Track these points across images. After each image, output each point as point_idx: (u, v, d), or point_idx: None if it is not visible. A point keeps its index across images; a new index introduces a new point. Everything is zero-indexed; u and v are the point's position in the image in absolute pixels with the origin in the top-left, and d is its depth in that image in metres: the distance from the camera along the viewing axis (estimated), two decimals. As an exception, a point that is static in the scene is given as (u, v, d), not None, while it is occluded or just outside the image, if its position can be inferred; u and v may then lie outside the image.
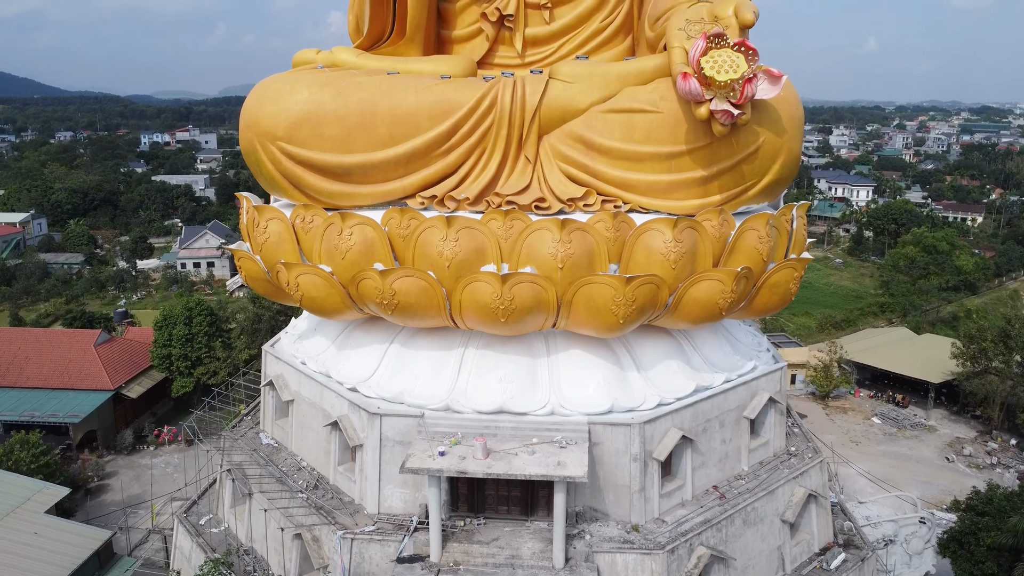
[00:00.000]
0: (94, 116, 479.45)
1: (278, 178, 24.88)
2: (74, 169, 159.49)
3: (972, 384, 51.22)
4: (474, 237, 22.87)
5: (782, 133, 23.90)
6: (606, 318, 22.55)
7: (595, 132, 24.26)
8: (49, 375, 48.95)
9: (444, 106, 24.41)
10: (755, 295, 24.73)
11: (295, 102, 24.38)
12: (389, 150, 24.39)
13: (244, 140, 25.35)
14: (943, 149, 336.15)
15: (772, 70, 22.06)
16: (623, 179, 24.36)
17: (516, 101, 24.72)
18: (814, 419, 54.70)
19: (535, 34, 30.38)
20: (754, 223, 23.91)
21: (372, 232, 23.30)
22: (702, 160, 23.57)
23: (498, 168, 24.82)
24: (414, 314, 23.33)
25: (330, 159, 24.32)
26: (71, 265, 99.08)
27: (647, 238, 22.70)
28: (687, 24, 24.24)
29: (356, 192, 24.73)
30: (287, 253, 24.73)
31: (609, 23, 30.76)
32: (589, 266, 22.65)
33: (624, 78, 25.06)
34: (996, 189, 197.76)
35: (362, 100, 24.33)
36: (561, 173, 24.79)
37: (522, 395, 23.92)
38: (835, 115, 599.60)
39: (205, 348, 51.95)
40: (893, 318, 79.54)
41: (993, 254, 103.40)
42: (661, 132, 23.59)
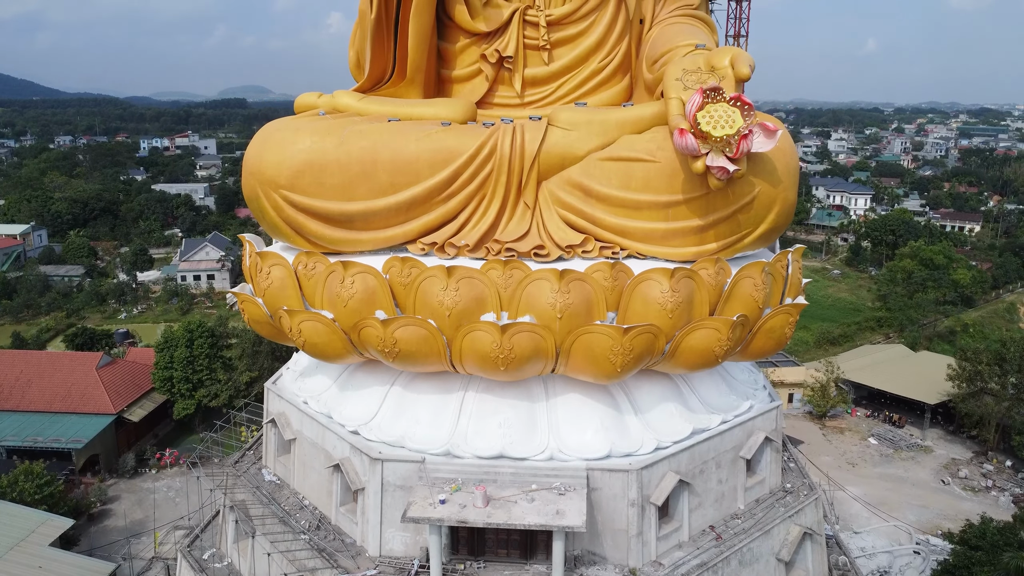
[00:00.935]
0: (93, 120, 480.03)
1: (281, 225, 25.22)
2: (74, 178, 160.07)
3: (967, 406, 51.67)
4: (474, 286, 23.26)
5: (777, 183, 24.25)
6: (604, 366, 22.94)
7: (593, 179, 24.60)
8: (52, 399, 49.34)
9: (444, 154, 24.76)
10: (751, 340, 25.09)
11: (298, 151, 24.72)
12: (390, 197, 24.75)
13: (247, 187, 25.68)
14: (941, 154, 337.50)
15: (767, 124, 22.43)
16: (621, 226, 24.69)
17: (515, 148, 25.04)
18: (811, 440, 55.10)
19: (534, 74, 30.75)
20: (750, 271, 24.28)
21: (374, 280, 23.67)
22: (699, 209, 23.91)
23: (497, 214, 25.16)
24: (415, 361, 23.73)
25: (332, 207, 24.67)
26: (71, 278, 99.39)
27: (644, 287, 23.06)
28: (684, 74, 24.56)
29: (358, 238, 25.09)
30: (289, 299, 25.09)
31: (607, 63, 31.14)
32: (587, 315, 23.03)
33: (622, 125, 25.42)
34: (994, 196, 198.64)
35: (363, 148, 24.67)
36: (560, 219, 25.13)
37: (521, 440, 24.30)
38: (834, 118, 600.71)
39: (206, 370, 52.36)
40: (890, 333, 79.96)
41: (990, 266, 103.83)
42: (658, 181, 23.93)
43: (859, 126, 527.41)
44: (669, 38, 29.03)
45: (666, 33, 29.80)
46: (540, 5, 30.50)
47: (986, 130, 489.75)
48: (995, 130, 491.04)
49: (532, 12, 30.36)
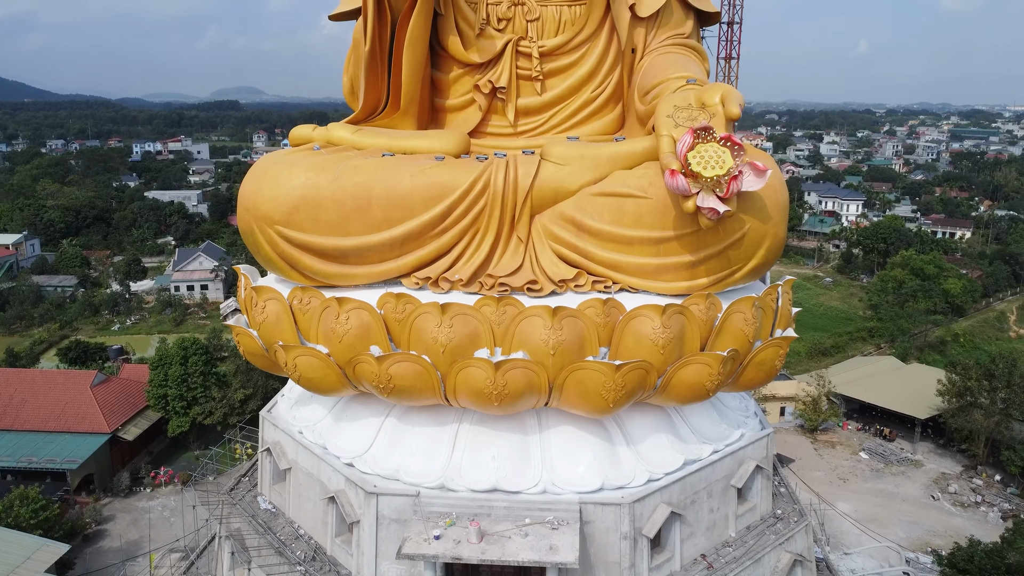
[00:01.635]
0: (85, 123, 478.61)
1: (276, 259, 25.44)
2: (67, 185, 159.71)
3: (957, 421, 52.18)
4: (468, 323, 23.53)
5: (767, 220, 24.55)
6: (596, 402, 23.23)
7: (586, 214, 24.86)
8: (46, 418, 49.41)
9: (438, 189, 24.99)
10: (742, 373, 25.40)
11: (292, 187, 24.91)
12: (385, 233, 24.98)
13: (242, 222, 25.89)
14: (933, 157, 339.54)
15: (757, 164, 22.71)
16: (613, 260, 24.97)
17: (509, 183, 25.28)
18: (803, 454, 55.52)
19: (527, 104, 30.99)
20: (740, 306, 24.59)
21: (368, 316, 23.90)
22: (690, 246, 24.20)
23: (491, 248, 25.43)
24: (410, 396, 23.99)
25: (327, 242, 24.90)
26: (64, 288, 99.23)
27: (636, 324, 23.36)
28: (675, 111, 24.80)
29: (352, 273, 25.33)
30: (285, 333, 25.31)
31: (600, 93, 31.40)
32: (580, 351, 23.30)
33: (614, 160, 25.68)
34: (984, 201, 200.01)
35: (358, 184, 24.88)
36: (552, 253, 25.41)
37: (515, 473, 24.55)
38: (826, 120, 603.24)
39: (201, 388, 52.50)
40: (881, 344, 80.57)
41: (980, 274, 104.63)
42: (650, 218, 24.20)
43: (851, 128, 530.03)
44: (660, 69, 29.29)
45: (657, 64, 30.06)
46: (533, 36, 30.71)
47: (977, 132, 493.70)
48: (986, 132, 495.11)
49: (525, 43, 30.57)
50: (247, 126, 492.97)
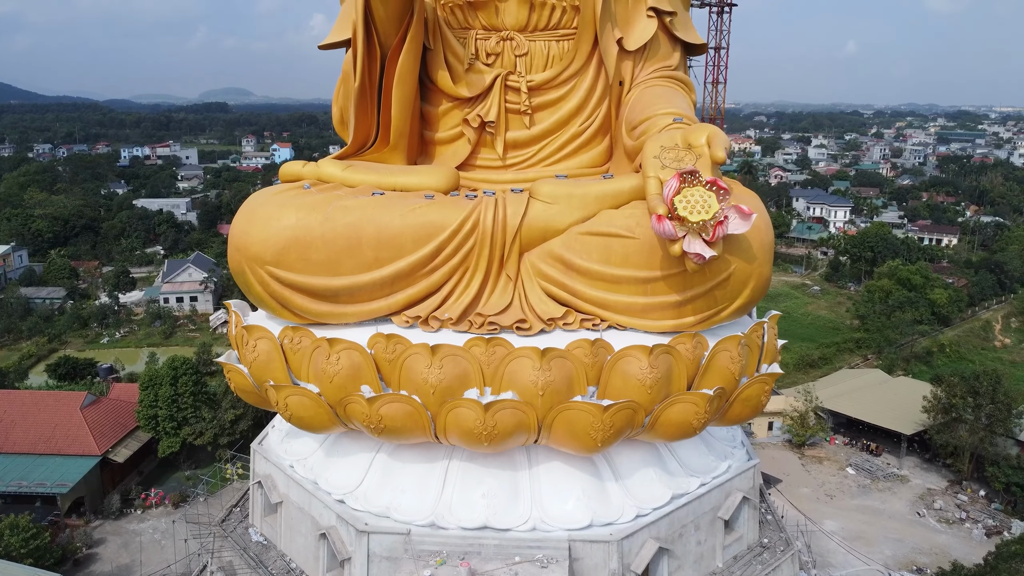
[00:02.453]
0: (73, 126, 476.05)
1: (267, 299, 25.62)
2: (55, 194, 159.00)
3: (942, 437, 52.82)
4: (458, 363, 23.77)
5: (752, 260, 24.89)
6: (585, 441, 23.53)
7: (574, 253, 25.14)
8: (36, 440, 49.31)
9: (428, 228, 25.21)
10: (728, 409, 25.74)
11: (283, 227, 25.10)
12: (375, 272, 25.20)
13: (233, 262, 26.06)
14: (920, 161, 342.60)
15: (743, 208, 22.99)
16: (601, 299, 25.26)
17: (498, 222, 25.53)
18: (790, 470, 55.98)
19: (516, 138, 31.22)
20: (726, 344, 24.93)
21: (359, 357, 24.12)
22: (676, 286, 24.51)
23: (480, 286, 25.68)
24: (400, 436, 24.22)
25: (318, 282, 25.10)
26: (53, 300, 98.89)
27: (624, 364, 23.66)
28: (662, 151, 25.07)
29: (343, 311, 25.53)
30: (275, 371, 25.48)
31: (588, 127, 31.64)
32: (568, 391, 23.59)
33: (602, 199, 25.96)
34: (971, 207, 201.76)
35: (348, 225, 25.08)
36: (541, 291, 25.67)
37: (505, 511, 24.80)
38: (814, 122, 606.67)
39: (191, 408, 52.54)
40: (868, 355, 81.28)
41: (966, 283, 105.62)
42: (637, 258, 24.50)
43: (839, 131, 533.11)
44: (647, 104, 29.58)
45: (644, 98, 30.37)
46: (521, 71, 30.94)
47: (963, 135, 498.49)
48: (972, 135, 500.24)
49: (513, 78, 30.80)
50: (236, 129, 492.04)
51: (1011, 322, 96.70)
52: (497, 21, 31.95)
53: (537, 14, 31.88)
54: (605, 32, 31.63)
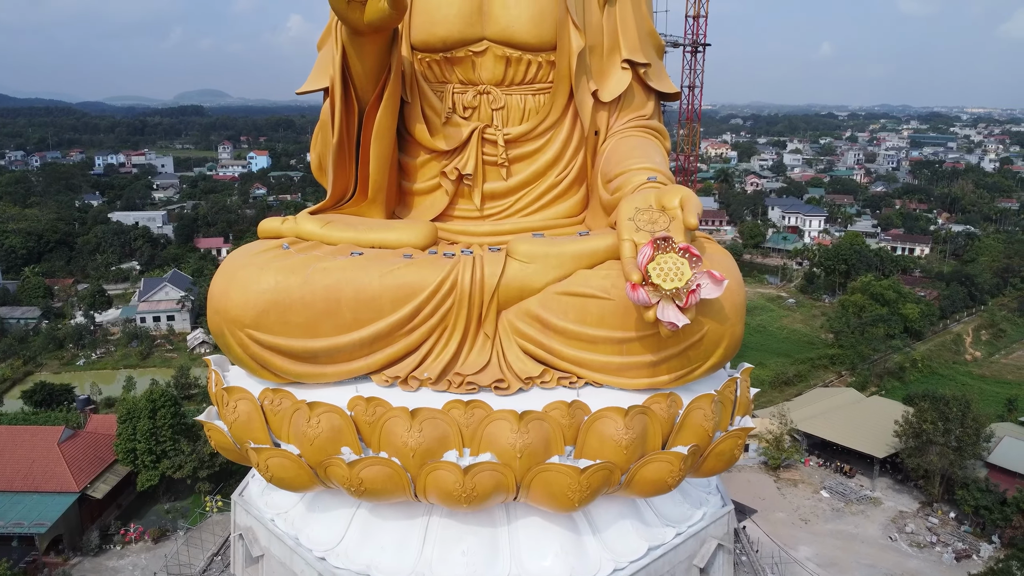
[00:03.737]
0: (46, 131, 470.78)
1: (247, 360, 25.89)
2: (28, 207, 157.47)
3: (913, 461, 53.98)
4: (437, 426, 24.13)
5: (725, 321, 25.46)
6: (562, 501, 23.97)
7: (551, 313, 25.61)
8: (12, 477, 49.01)
9: (407, 290, 25.57)
10: (702, 463, 26.33)
11: (262, 291, 25.33)
12: (354, 334, 25.50)
13: (213, 324, 26.28)
14: (893, 166, 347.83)
15: (714, 273, 23.54)
16: (578, 358, 25.77)
17: (475, 282, 25.94)
18: (766, 494, 56.83)
19: (493, 189, 31.66)
20: (700, 403, 25.51)
21: (339, 420, 24.42)
22: (651, 346, 25.04)
23: (459, 345, 26.07)
24: (381, 497, 24.54)
25: (297, 344, 25.38)
26: (28, 320, 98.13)
27: (600, 425, 24.16)
28: (636, 213, 25.59)
29: (322, 372, 25.84)
30: (255, 432, 25.73)
31: (564, 177, 32.13)
32: (546, 451, 24.02)
33: (578, 259, 26.43)
34: (942, 214, 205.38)
35: (327, 287, 25.37)
36: (519, 349, 26.12)
37: (484, 568, 25.19)
38: (789, 125, 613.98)
39: (170, 441, 52.45)
40: (842, 371, 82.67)
41: (937, 295, 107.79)
42: (612, 319, 25.01)
43: (814, 135, 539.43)
44: (622, 157, 30.14)
45: (619, 150, 30.93)
46: (498, 124, 31.40)
47: (936, 139, 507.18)
48: (944, 138, 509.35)
49: (491, 131, 31.23)
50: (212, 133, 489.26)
51: (981, 334, 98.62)
52: (474, 76, 32.39)
53: (513, 69, 32.37)
54: (580, 85, 32.14)
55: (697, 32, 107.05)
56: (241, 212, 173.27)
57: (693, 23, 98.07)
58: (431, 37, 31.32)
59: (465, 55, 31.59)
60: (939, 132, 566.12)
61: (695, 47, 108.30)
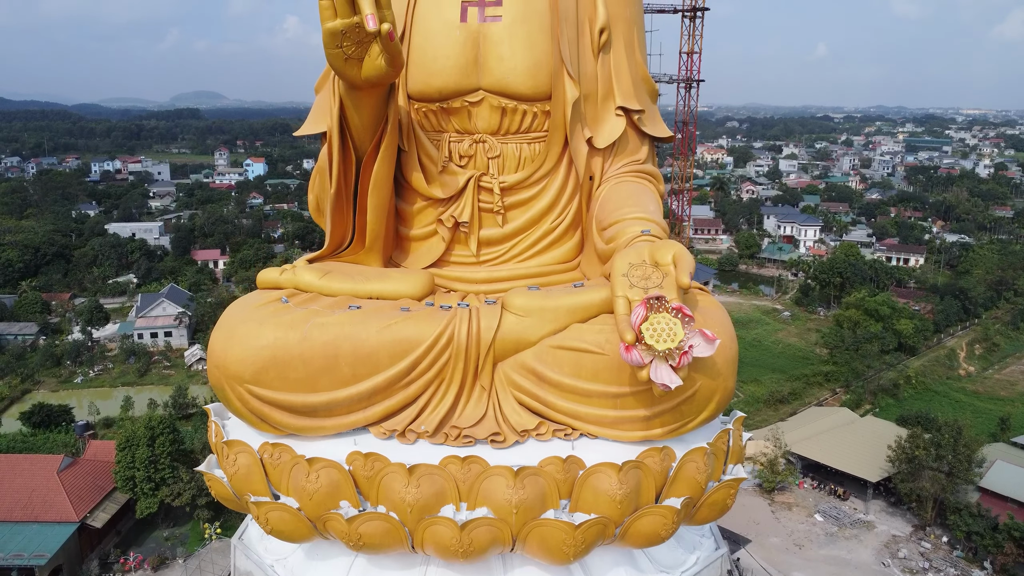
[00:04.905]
0: (41, 136, 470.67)
1: (247, 414, 26.28)
2: (24, 218, 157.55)
3: (906, 486, 54.53)
4: (434, 482, 24.53)
5: (717, 376, 25.86)
6: (558, 555, 24.39)
7: (546, 366, 26.01)
8: (12, 507, 49.26)
9: (404, 344, 25.95)
10: (695, 513, 26.75)
11: (262, 347, 25.70)
12: (352, 388, 25.90)
13: (213, 379, 26.65)
14: (888, 172, 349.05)
15: (707, 333, 23.94)
16: (573, 411, 26.17)
17: (472, 336, 26.33)
18: (760, 518, 57.28)
19: (489, 236, 32.04)
20: (693, 456, 25.90)
21: (338, 474, 24.80)
22: (645, 401, 25.45)
23: (455, 398, 26.46)
24: (379, 550, 24.93)
25: (296, 399, 25.76)
26: (25, 337, 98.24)
27: (594, 480, 24.57)
28: (630, 269, 25.93)
29: (321, 425, 26.23)
30: (255, 484, 26.10)
31: (559, 223, 32.52)
32: (541, 506, 24.43)
33: (573, 312, 26.81)
34: (937, 221, 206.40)
35: (326, 343, 25.74)
36: (515, 401, 26.52)
37: (481, 618, 25.66)
38: (785, 128, 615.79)
39: (169, 469, 52.75)
40: (837, 388, 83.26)
41: (931, 308, 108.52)
42: (607, 374, 25.42)
43: (809, 138, 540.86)
44: (617, 205, 30.52)
45: (613, 197, 31.30)
46: (494, 172, 31.79)
47: (931, 142, 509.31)
48: (939, 142, 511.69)
49: (486, 179, 31.63)
50: (208, 137, 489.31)
51: (975, 349, 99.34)
52: (470, 125, 32.80)
53: (509, 119, 32.79)
54: (575, 133, 32.57)
55: (691, 68, 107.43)
56: (238, 223, 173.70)
57: (687, 59, 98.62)
58: (428, 88, 31.74)
59: (461, 105, 32.02)
60: (934, 135, 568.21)
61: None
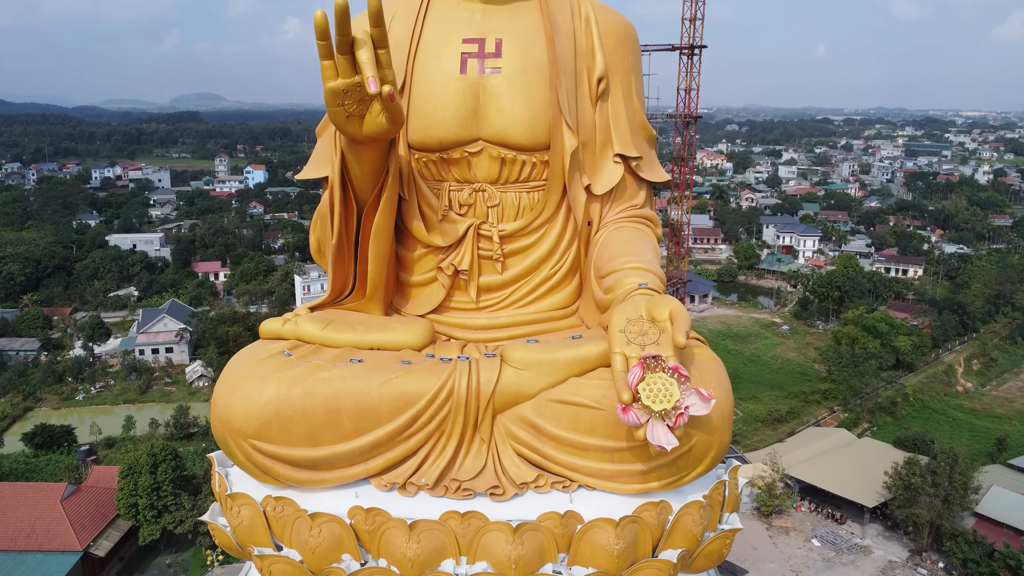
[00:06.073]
0: (42, 140, 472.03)
1: (250, 468, 26.57)
2: (25, 229, 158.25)
3: (903, 513, 54.92)
4: (434, 537, 24.87)
5: (713, 431, 26.13)
6: (556, 610, 24.86)
7: (544, 419, 26.31)
8: (16, 536, 49.68)
9: (405, 399, 26.24)
10: (691, 564, 27.12)
11: (265, 402, 25.95)
12: (353, 442, 26.21)
13: (216, 433, 26.96)
14: (887, 178, 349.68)
15: (702, 392, 24.18)
16: (571, 463, 26.44)
17: (471, 390, 26.59)
18: (758, 543, 57.68)
19: (488, 283, 32.29)
20: (689, 509, 26.18)
21: (340, 529, 25.13)
22: (641, 456, 25.73)
23: (455, 451, 26.76)
24: (380, 604, 25.39)
25: (298, 453, 26.08)
26: (27, 353, 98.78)
27: (592, 535, 24.90)
28: (627, 325, 26.15)
29: (323, 478, 26.53)
30: (259, 536, 26.38)
31: (558, 270, 32.79)
32: (540, 560, 24.72)
33: (571, 366, 27.03)
34: (936, 230, 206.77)
35: (328, 398, 26.04)
36: (514, 453, 26.83)
37: (481, 669, 26.01)
38: (785, 132, 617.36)
39: (171, 496, 53.12)
40: (835, 407, 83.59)
41: (929, 323, 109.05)
42: (604, 428, 25.71)
43: (809, 142, 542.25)
44: (615, 252, 30.67)
45: (612, 244, 31.50)
46: (493, 221, 32.11)
47: (930, 147, 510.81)
48: (938, 146, 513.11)
49: (486, 227, 31.85)
50: (208, 141, 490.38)
51: (972, 364, 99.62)
52: (470, 175, 33.12)
53: (508, 169, 33.11)
54: (573, 182, 32.87)
55: (689, 105, 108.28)
56: (238, 233, 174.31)
57: (685, 95, 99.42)
58: (428, 139, 32.05)
59: (461, 155, 32.34)
60: (934, 139, 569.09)
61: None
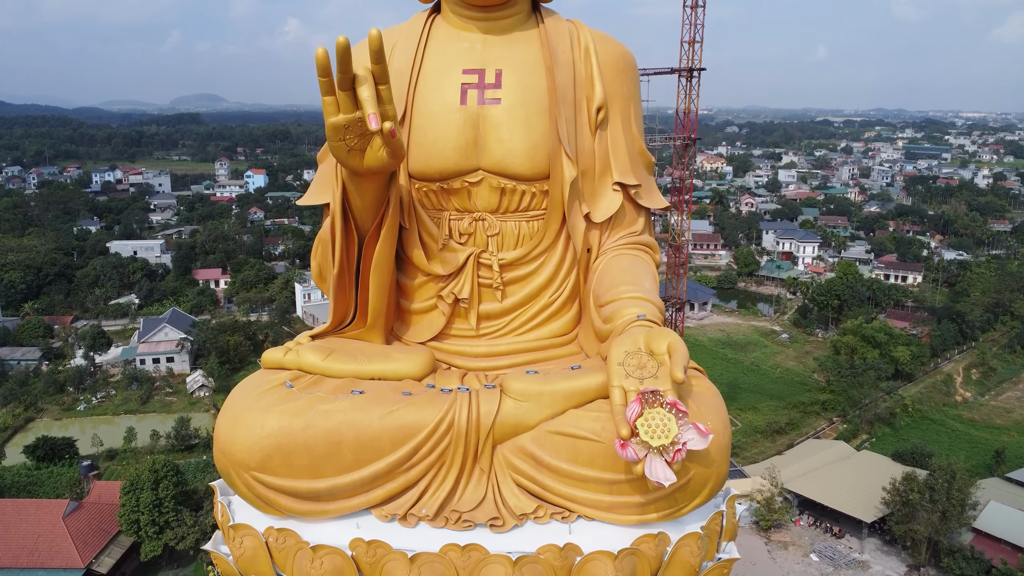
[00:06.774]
0: (42, 143, 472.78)
1: (252, 499, 26.77)
2: (26, 236, 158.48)
3: (900, 529, 55.15)
4: (434, 569, 25.04)
5: (711, 464, 26.31)
6: (555, 646, 25.11)
7: (544, 451, 26.54)
8: (18, 553, 49.89)
9: (406, 431, 26.50)
10: (689, 594, 27.41)
11: (267, 435, 26.16)
12: (355, 474, 26.46)
13: (219, 465, 27.18)
14: (887, 182, 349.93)
15: (700, 427, 24.42)
16: (570, 495, 26.66)
17: (471, 421, 26.84)
18: (757, 558, 57.90)
19: (488, 310, 32.53)
20: (687, 540, 26.36)
21: (341, 561, 25.36)
22: (640, 488, 25.96)
23: (455, 481, 27.00)
24: (381, 636, 25.65)
25: (300, 485, 26.31)
26: (28, 362, 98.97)
27: (590, 567, 25.05)
28: (626, 358, 26.33)
29: (324, 509, 26.77)
30: (261, 567, 26.61)
31: (557, 297, 33.02)
32: (540, 592, 25.14)
33: (570, 397, 27.28)
34: (935, 236, 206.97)
35: (329, 431, 26.30)
36: (513, 483, 27.12)
37: None
38: (785, 135, 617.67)
39: (173, 512, 53.34)
40: (834, 418, 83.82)
41: (928, 332, 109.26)
42: (603, 460, 25.93)
43: (809, 145, 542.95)
44: (614, 280, 30.83)
45: (611, 271, 31.69)
46: (493, 250, 32.37)
47: (930, 150, 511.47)
48: (938, 149, 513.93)
49: (486, 256, 32.07)
50: (209, 143, 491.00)
51: (971, 373, 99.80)
52: (470, 204, 33.36)
53: (508, 198, 33.36)
54: (573, 210, 33.11)
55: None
56: (239, 239, 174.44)
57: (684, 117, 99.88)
58: (428, 169, 32.29)
59: (461, 185, 32.59)
60: (934, 141, 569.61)
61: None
